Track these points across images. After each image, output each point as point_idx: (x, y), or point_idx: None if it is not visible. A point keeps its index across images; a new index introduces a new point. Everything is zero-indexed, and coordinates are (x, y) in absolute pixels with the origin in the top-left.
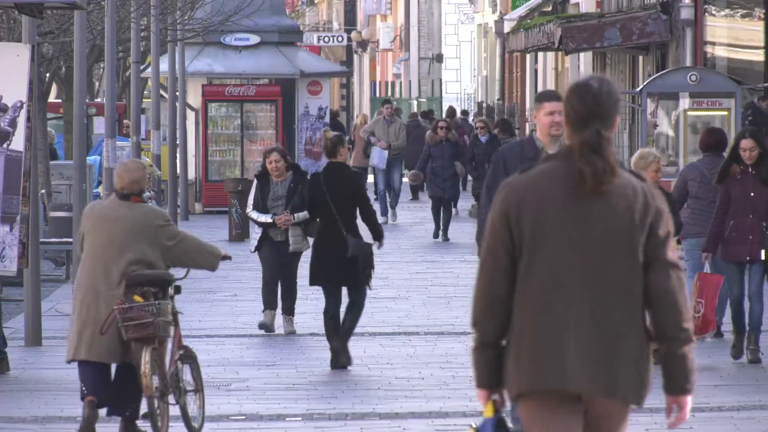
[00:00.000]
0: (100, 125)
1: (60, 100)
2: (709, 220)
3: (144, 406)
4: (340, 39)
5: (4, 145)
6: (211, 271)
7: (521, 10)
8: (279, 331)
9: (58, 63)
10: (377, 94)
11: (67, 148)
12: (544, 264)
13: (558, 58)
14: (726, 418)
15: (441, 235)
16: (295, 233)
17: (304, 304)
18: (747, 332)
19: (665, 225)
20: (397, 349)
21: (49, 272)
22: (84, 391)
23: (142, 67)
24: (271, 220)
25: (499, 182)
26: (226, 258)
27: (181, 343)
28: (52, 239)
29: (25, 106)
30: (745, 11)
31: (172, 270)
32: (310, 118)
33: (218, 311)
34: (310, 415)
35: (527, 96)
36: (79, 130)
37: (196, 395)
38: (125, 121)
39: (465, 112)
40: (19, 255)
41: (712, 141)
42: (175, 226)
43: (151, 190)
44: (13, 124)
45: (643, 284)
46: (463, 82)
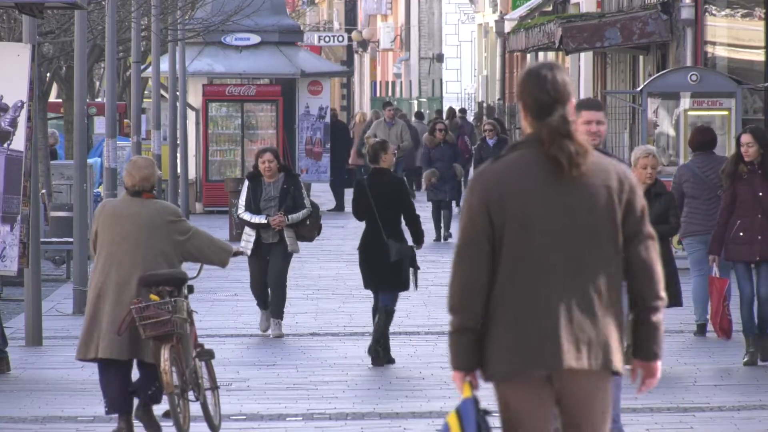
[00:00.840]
0: (100, 125)
1: (60, 100)
2: (706, 218)
3: (163, 405)
4: (341, 39)
5: (5, 145)
6: (222, 267)
7: (521, 10)
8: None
9: (59, 63)
10: (377, 94)
11: (68, 148)
12: (530, 251)
13: (558, 58)
14: (726, 418)
15: (443, 234)
16: (288, 235)
17: (304, 304)
18: (757, 334)
19: (640, 199)
20: (398, 349)
21: (50, 272)
22: (106, 407)
23: (142, 67)
24: (266, 221)
25: None
26: (239, 254)
27: (197, 341)
28: (53, 239)
29: (25, 105)
30: (746, 11)
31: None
32: (310, 118)
33: (219, 311)
34: (311, 415)
35: None
36: (79, 130)
37: (213, 393)
38: (125, 121)
39: (463, 111)
40: (20, 255)
41: (702, 139)
42: (187, 222)
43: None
44: (14, 123)
45: (622, 258)
46: (464, 82)
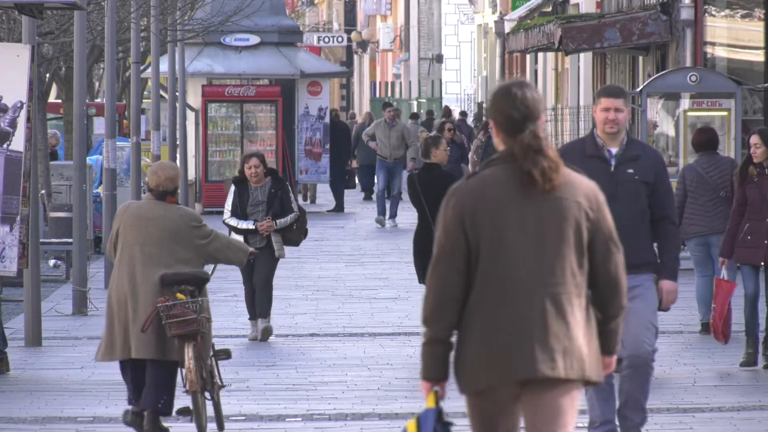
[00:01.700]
0: (100, 125)
1: (60, 101)
2: (707, 218)
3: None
4: (340, 39)
5: (4, 146)
6: (239, 266)
7: (521, 11)
8: (273, 336)
9: (58, 63)
10: (377, 95)
11: (67, 149)
12: (503, 264)
13: (558, 59)
14: (726, 419)
15: None
16: (276, 239)
17: (304, 304)
18: (764, 338)
19: (608, 216)
20: (397, 350)
21: (50, 272)
22: (130, 398)
23: (142, 68)
24: (253, 227)
25: None
26: (253, 254)
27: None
28: (52, 239)
29: (25, 106)
30: (745, 11)
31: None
32: (310, 118)
33: (218, 311)
34: (310, 416)
35: None
36: (79, 130)
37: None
38: (125, 122)
39: (464, 113)
40: (19, 255)
41: (701, 139)
42: (208, 226)
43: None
44: (13, 124)
45: (589, 271)
46: (463, 83)
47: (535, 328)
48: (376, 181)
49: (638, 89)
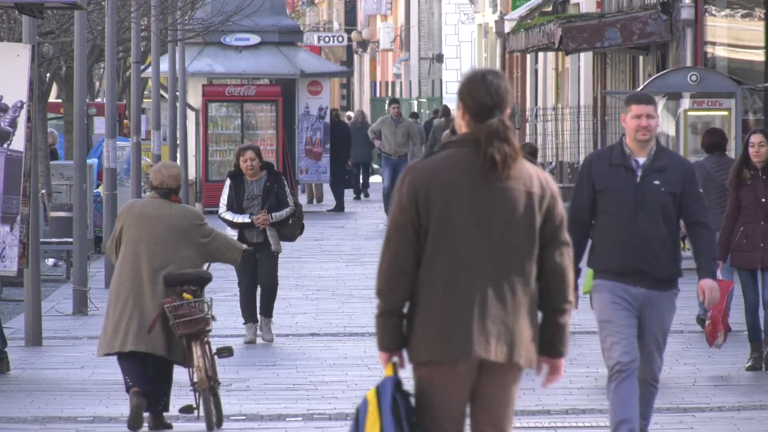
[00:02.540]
0: (100, 125)
1: (60, 100)
2: (713, 217)
3: (175, 400)
4: (341, 39)
5: (5, 145)
6: (234, 265)
7: (521, 10)
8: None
9: (59, 63)
10: (377, 95)
11: (67, 148)
12: (452, 245)
13: (558, 59)
14: (726, 419)
15: None
16: (271, 234)
17: (304, 304)
18: (763, 341)
19: (560, 208)
20: None
21: (50, 272)
22: (129, 383)
23: (142, 67)
24: (249, 221)
25: (584, 189)
26: (247, 251)
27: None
28: (52, 239)
29: (25, 106)
30: (746, 11)
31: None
32: (310, 118)
33: (218, 311)
34: (311, 415)
35: (527, 96)
36: (79, 130)
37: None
38: (125, 121)
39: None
40: (19, 255)
41: (711, 141)
42: (209, 225)
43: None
44: (14, 124)
45: (537, 261)
46: None
47: (475, 311)
48: (381, 179)
49: (639, 89)
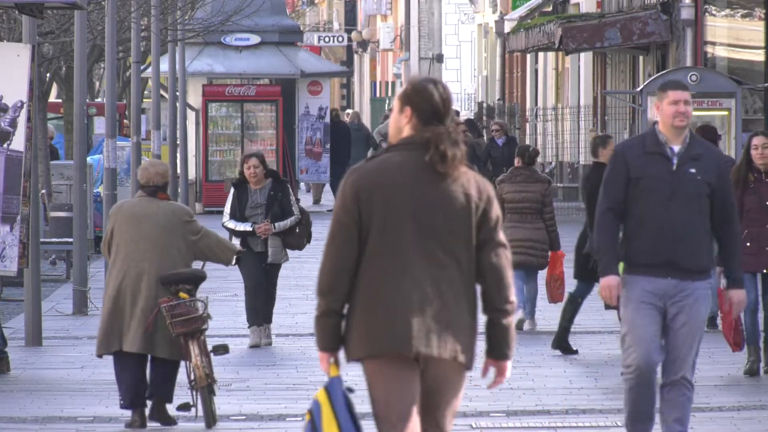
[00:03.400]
0: (100, 125)
1: (60, 100)
2: None
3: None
4: (341, 39)
5: (5, 145)
6: (226, 266)
7: (521, 10)
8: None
9: (59, 63)
10: (377, 94)
11: (67, 148)
12: (393, 244)
13: (558, 58)
14: (726, 418)
15: None
16: (274, 244)
17: (304, 304)
18: (764, 339)
19: (496, 209)
20: None
21: (50, 272)
22: (125, 400)
23: (142, 67)
24: (251, 229)
25: (619, 178)
26: (240, 252)
27: None
28: (52, 239)
29: (25, 106)
30: (745, 11)
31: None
32: (310, 118)
33: (218, 311)
34: None
35: (527, 96)
36: (79, 130)
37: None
38: (125, 121)
39: (456, 113)
40: (20, 255)
41: (705, 137)
42: (198, 222)
43: None
44: (14, 124)
45: (475, 262)
46: (464, 83)
47: (415, 308)
48: None
49: (638, 89)
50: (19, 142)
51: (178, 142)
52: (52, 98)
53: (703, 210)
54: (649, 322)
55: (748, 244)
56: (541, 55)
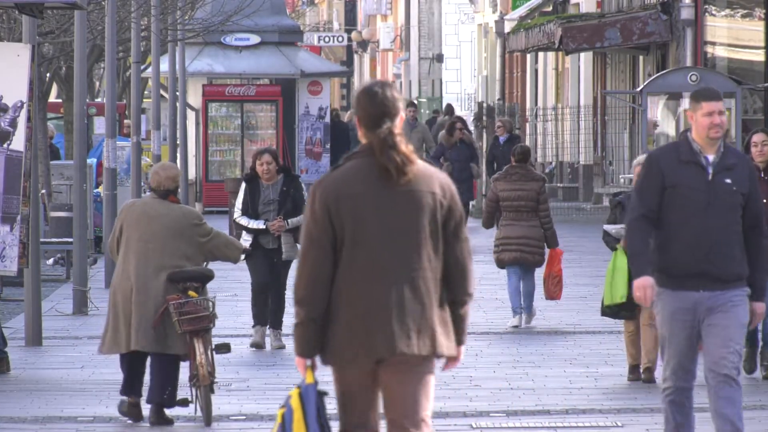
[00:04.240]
0: (100, 125)
1: (60, 100)
2: None
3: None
4: (341, 39)
5: (5, 145)
6: (234, 263)
7: (521, 10)
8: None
9: (59, 63)
10: None
11: (67, 148)
12: (366, 251)
13: (558, 58)
14: None
15: None
16: (287, 240)
17: None
18: (761, 347)
19: (459, 206)
20: None
21: (50, 272)
22: (125, 389)
23: (142, 67)
24: (264, 227)
25: (654, 185)
26: (246, 251)
27: None
28: (52, 239)
29: (25, 106)
30: (745, 11)
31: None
32: (310, 118)
33: (219, 311)
34: None
35: (527, 96)
36: (79, 130)
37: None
38: (126, 121)
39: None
40: (20, 255)
41: None
42: (208, 224)
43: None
44: (14, 124)
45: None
46: (464, 82)
47: (394, 309)
48: None
49: (639, 89)
50: (19, 142)
51: (178, 142)
52: (52, 98)
53: (738, 219)
54: (684, 337)
55: None
56: (541, 55)
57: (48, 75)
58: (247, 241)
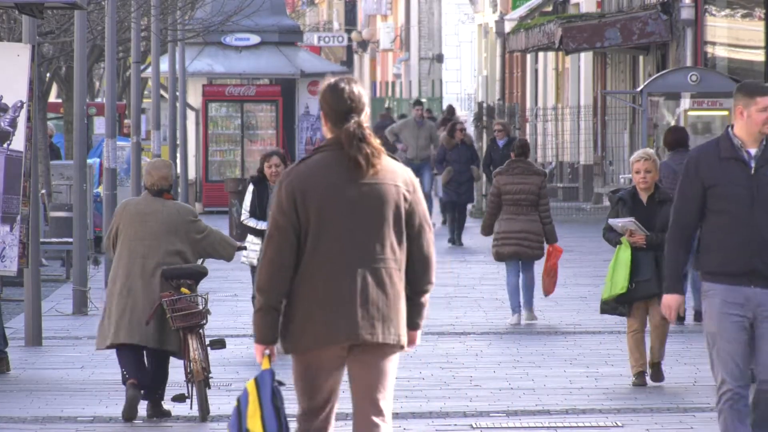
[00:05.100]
0: (100, 125)
1: (60, 100)
2: None
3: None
4: (341, 39)
5: (5, 145)
6: (227, 261)
7: (521, 10)
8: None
9: (59, 63)
10: (377, 95)
11: (68, 148)
12: (330, 241)
13: (558, 58)
14: None
15: (455, 240)
16: None
17: None
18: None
19: (422, 198)
20: None
21: (50, 272)
22: (125, 374)
23: (142, 67)
24: None
25: (693, 191)
26: (242, 248)
27: None
28: (52, 239)
29: (25, 106)
30: (745, 11)
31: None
32: (310, 118)
33: (218, 311)
34: None
35: (527, 96)
36: (79, 130)
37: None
38: (126, 121)
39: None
40: (20, 255)
41: (675, 138)
42: (203, 221)
43: None
44: (14, 124)
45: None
46: (464, 83)
47: (358, 298)
48: None
49: (639, 89)
50: (19, 142)
51: (178, 142)
52: (52, 98)
53: None
54: (735, 337)
55: None
56: (541, 55)
57: (48, 75)
58: (256, 244)
